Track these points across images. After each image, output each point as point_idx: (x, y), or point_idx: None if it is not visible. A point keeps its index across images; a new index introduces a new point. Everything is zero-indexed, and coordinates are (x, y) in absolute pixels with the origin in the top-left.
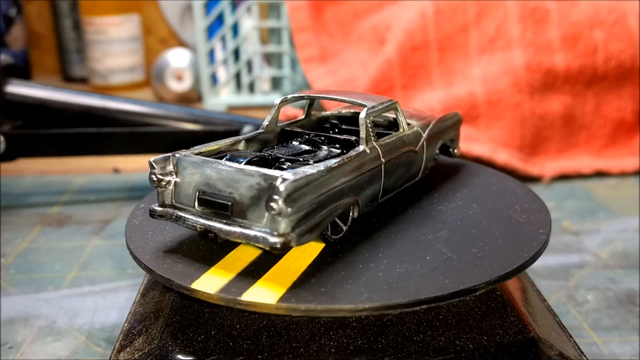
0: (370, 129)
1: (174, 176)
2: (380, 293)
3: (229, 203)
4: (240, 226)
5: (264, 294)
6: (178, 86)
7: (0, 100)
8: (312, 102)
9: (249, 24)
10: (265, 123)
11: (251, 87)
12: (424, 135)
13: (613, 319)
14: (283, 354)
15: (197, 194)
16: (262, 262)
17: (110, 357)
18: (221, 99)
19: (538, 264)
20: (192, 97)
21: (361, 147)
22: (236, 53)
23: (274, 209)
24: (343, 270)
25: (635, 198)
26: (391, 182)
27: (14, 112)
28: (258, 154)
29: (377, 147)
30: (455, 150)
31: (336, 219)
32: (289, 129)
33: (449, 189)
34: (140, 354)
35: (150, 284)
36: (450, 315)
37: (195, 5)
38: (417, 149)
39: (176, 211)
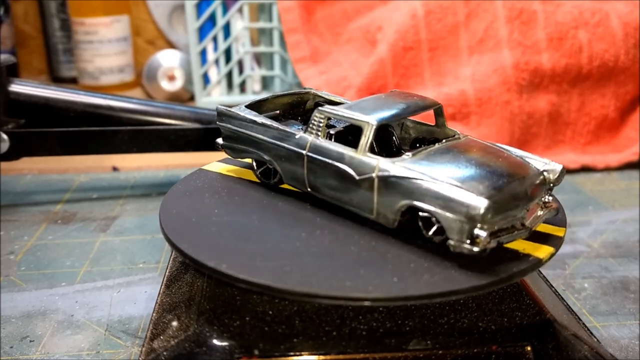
0: (316, 123)
1: None
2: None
3: None
4: None
5: (215, 167)
6: (169, 86)
7: (3, 99)
8: None
9: (240, 24)
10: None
11: (242, 87)
12: (378, 175)
13: (610, 305)
14: (317, 337)
15: None
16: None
17: (143, 346)
18: (212, 99)
19: None
20: (183, 97)
21: (302, 132)
22: (227, 53)
23: None
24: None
25: (621, 191)
26: (318, 182)
27: (17, 111)
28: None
29: (309, 140)
30: (452, 242)
31: (272, 169)
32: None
33: None
34: (176, 340)
35: (173, 276)
36: (471, 300)
37: (187, 7)
38: (359, 178)
39: None
